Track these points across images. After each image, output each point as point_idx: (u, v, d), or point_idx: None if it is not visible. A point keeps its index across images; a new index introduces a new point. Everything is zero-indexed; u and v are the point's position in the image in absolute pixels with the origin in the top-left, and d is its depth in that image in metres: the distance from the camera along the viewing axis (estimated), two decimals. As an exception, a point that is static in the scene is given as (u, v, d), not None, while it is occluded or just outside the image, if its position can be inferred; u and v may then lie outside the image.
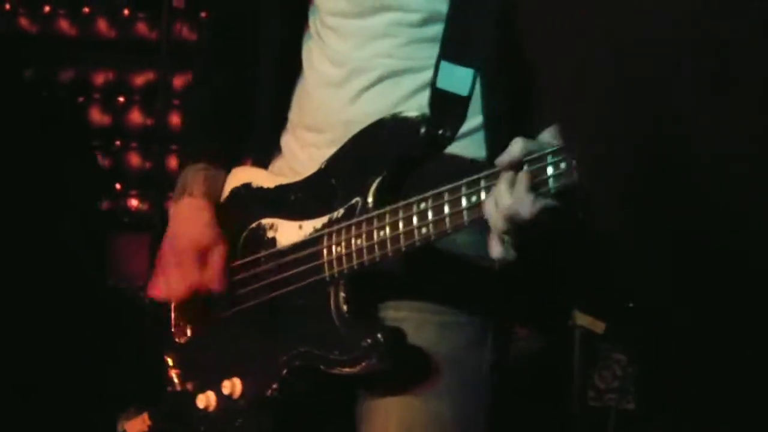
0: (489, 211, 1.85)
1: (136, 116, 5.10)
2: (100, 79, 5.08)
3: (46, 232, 4.66)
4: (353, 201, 2.05)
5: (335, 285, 2.05)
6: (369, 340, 1.98)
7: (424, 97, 2.10)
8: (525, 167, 1.82)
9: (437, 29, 2.11)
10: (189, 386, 2.24)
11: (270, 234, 2.17)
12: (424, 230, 1.94)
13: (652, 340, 3.65)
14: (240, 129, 2.34)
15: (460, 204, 1.90)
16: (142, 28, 5.06)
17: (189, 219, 2.24)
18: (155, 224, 4.34)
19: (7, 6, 5.07)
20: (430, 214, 1.93)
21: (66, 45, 5.08)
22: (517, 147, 1.84)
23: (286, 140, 2.28)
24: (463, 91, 2.06)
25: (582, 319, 3.77)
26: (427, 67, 2.11)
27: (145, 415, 3.51)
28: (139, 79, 5.07)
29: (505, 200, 1.82)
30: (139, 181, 5.06)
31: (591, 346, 3.83)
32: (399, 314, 2.07)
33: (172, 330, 2.28)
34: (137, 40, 5.05)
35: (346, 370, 2.01)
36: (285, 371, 2.09)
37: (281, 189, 2.19)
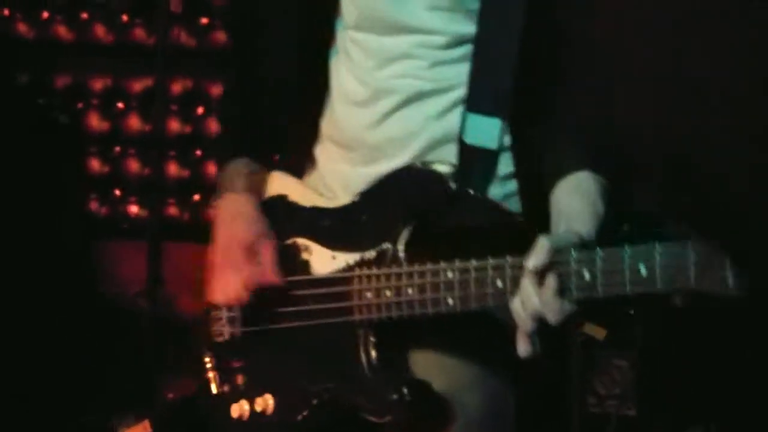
0: (516, 312, 1.87)
1: (134, 122, 5.08)
2: (98, 84, 5.07)
3: (42, 237, 4.65)
4: (384, 246, 2.05)
5: (365, 328, 2.06)
6: (395, 396, 2.01)
7: (450, 119, 2.09)
8: (551, 272, 1.83)
9: (463, 51, 2.09)
10: (224, 390, 2.24)
11: (304, 256, 2.16)
12: (450, 301, 1.96)
13: (655, 344, 3.64)
14: (274, 133, 2.31)
15: (486, 285, 1.92)
16: (139, 33, 5.05)
17: (233, 217, 2.22)
18: (154, 230, 4.32)
19: (6, 11, 5.06)
20: (456, 287, 1.95)
21: (63, 50, 5.07)
22: (542, 251, 1.83)
23: (319, 152, 2.27)
24: (492, 144, 2.04)
25: (583, 326, 3.75)
26: (453, 87, 2.10)
27: (146, 423, 3.50)
28: (137, 85, 5.06)
29: (533, 303, 1.84)
30: (138, 187, 5.04)
31: (591, 352, 3.82)
32: (423, 337, 2.07)
33: (212, 330, 2.27)
34: (135, 46, 5.03)
35: (372, 418, 2.04)
36: (315, 401, 2.11)
37: (316, 212, 2.18)
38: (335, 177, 2.22)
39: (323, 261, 2.13)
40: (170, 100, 4.89)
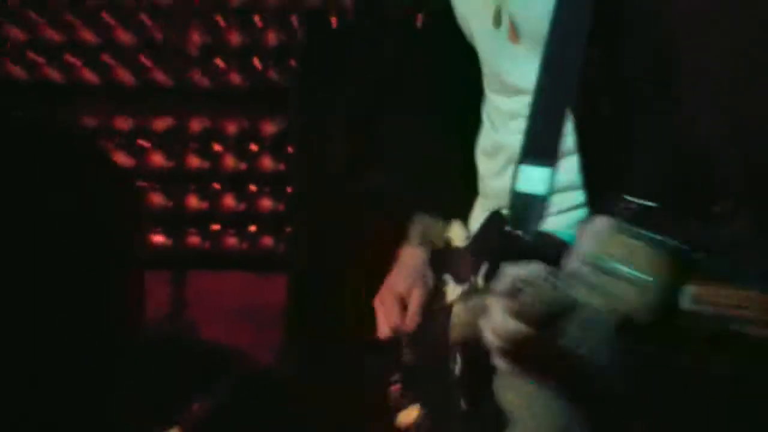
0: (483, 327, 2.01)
1: (157, 158, 5.30)
2: (123, 124, 5.29)
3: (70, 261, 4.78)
4: (472, 279, 2.24)
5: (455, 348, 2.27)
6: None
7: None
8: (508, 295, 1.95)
9: None
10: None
11: (446, 290, 2.39)
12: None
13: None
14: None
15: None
16: (159, 74, 5.27)
17: (400, 268, 2.51)
18: (176, 261, 4.48)
19: (33, 56, 5.27)
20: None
21: (89, 92, 5.28)
22: (507, 279, 1.95)
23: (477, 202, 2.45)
24: (540, 190, 2.10)
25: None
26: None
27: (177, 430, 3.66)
28: (160, 124, 5.28)
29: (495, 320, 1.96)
30: (161, 219, 5.24)
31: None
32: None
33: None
34: (157, 87, 5.26)
35: None
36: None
37: (457, 251, 2.41)
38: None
39: (454, 293, 2.36)
40: (189, 138, 5.18)
